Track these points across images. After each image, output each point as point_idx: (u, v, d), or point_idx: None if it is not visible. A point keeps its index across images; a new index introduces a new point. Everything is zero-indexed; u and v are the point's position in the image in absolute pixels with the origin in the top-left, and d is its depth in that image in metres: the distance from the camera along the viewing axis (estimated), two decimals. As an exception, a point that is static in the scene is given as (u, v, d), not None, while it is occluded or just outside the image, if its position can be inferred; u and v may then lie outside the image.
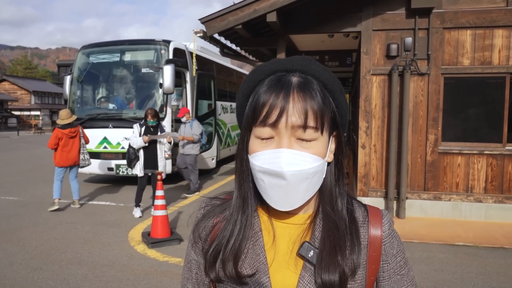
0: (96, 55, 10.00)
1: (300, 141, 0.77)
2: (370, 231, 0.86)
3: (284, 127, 0.76)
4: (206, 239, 0.89)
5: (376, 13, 6.28)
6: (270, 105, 0.76)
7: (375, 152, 6.51)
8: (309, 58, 0.84)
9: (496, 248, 5.12)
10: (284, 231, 0.85)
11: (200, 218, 0.93)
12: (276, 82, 0.79)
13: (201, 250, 0.90)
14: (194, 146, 8.38)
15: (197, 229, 0.92)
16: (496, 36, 6.00)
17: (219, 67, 12.82)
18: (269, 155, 0.77)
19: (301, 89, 0.78)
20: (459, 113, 6.32)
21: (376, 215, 0.88)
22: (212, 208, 0.93)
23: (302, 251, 0.81)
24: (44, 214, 6.91)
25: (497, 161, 6.14)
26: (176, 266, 4.61)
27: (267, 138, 0.78)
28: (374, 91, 6.43)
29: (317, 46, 9.08)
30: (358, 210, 0.89)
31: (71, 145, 7.22)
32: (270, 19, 6.04)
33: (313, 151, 0.78)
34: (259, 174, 0.79)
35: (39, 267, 4.56)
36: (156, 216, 5.40)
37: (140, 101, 9.55)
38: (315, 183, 0.80)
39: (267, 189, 0.79)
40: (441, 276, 4.31)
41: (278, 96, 0.77)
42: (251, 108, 0.80)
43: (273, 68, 0.83)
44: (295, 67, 0.81)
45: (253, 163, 0.80)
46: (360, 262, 0.82)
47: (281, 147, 0.76)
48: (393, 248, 0.87)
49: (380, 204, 6.42)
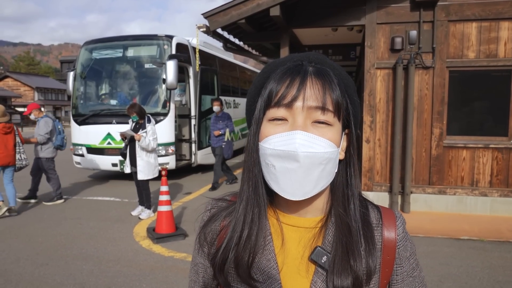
0: (99, 51, 9.99)
1: (316, 125, 0.75)
2: (384, 234, 0.84)
3: (300, 108, 0.74)
4: (212, 243, 0.87)
5: (380, 6, 6.23)
6: (287, 86, 0.75)
7: (380, 147, 6.48)
8: (318, 53, 0.84)
9: (502, 242, 5.10)
10: (294, 234, 0.83)
11: (206, 221, 0.90)
12: (292, 67, 0.78)
13: (207, 254, 0.88)
14: (43, 148, 7.32)
15: (203, 232, 0.89)
16: (502, 28, 5.94)
17: (222, 62, 12.78)
18: (283, 137, 0.75)
19: (319, 75, 0.77)
20: (464, 106, 6.28)
21: (390, 217, 0.86)
22: (218, 210, 0.90)
23: (315, 256, 0.79)
24: (49, 210, 6.94)
25: (503, 154, 6.11)
26: (181, 261, 4.62)
27: (280, 119, 0.76)
28: (379, 85, 6.39)
29: (320, 40, 9.03)
30: (372, 213, 0.87)
31: (5, 142, 6.53)
32: (274, 13, 6.00)
33: (329, 137, 0.76)
34: (270, 158, 0.76)
35: (45, 263, 4.58)
36: (161, 212, 5.41)
37: (144, 96, 9.54)
38: (328, 172, 0.77)
39: (278, 176, 0.75)
40: (446, 270, 4.31)
41: (294, 79, 0.76)
42: (265, 94, 0.79)
43: (289, 58, 0.82)
44: (311, 59, 0.81)
45: (265, 147, 0.77)
46: (376, 266, 0.81)
47: (295, 129, 0.74)
48: (407, 250, 0.86)
49: (385, 199, 6.41)
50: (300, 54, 0.83)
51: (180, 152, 10.20)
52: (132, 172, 6.48)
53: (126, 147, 6.42)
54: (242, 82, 15.04)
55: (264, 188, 0.82)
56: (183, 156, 10.29)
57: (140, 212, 6.50)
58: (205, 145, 10.54)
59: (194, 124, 10.01)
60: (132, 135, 6.17)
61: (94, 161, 9.51)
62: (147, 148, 6.22)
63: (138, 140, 6.14)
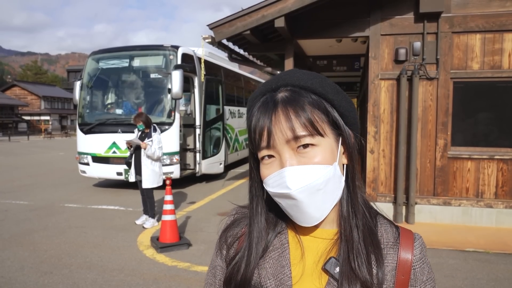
0: (106, 61, 10.11)
1: (301, 151, 0.76)
2: (400, 253, 0.83)
3: (280, 144, 0.75)
4: (232, 246, 0.90)
5: (384, 18, 6.27)
6: (260, 128, 0.77)
7: (384, 157, 6.48)
8: (293, 70, 0.83)
9: (507, 254, 5.05)
10: (312, 244, 0.84)
11: (228, 225, 0.93)
12: (261, 104, 0.79)
13: (225, 256, 0.90)
14: None
15: (224, 235, 0.92)
16: (506, 40, 5.96)
17: (227, 72, 12.88)
18: (275, 177, 0.77)
19: (284, 103, 0.77)
20: (468, 117, 6.27)
21: (408, 237, 0.85)
22: (241, 216, 0.93)
23: (328, 266, 0.80)
24: (54, 219, 6.97)
25: (508, 166, 6.08)
26: (185, 271, 4.62)
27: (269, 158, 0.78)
28: (383, 95, 6.41)
29: (325, 51, 9.08)
30: (390, 230, 0.86)
31: None
32: (278, 24, 6.06)
33: (317, 159, 0.75)
34: (275, 198, 0.79)
35: (49, 271, 4.59)
36: (165, 221, 5.43)
37: (149, 106, 9.61)
38: (331, 192, 0.78)
39: (288, 210, 0.79)
40: (452, 282, 4.27)
41: (264, 118, 0.77)
42: (248, 135, 0.82)
43: (260, 91, 0.83)
44: (278, 84, 0.81)
45: (267, 189, 0.80)
46: (385, 277, 0.80)
47: (283, 166, 0.75)
48: (423, 274, 0.85)
49: (389, 209, 6.38)
50: (270, 80, 0.84)
51: (184, 161, 10.25)
52: (137, 181, 6.52)
53: (131, 155, 6.47)
54: (247, 92, 15.12)
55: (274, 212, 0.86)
56: (187, 165, 10.33)
57: (144, 221, 6.51)
58: (209, 155, 10.58)
59: (199, 134, 10.05)
60: (138, 143, 6.23)
61: (99, 169, 9.56)
62: (153, 157, 6.26)
63: (144, 148, 6.20)
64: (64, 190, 9.66)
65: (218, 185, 10.35)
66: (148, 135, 6.36)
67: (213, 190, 9.69)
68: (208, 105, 10.57)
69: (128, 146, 6.50)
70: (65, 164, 15.49)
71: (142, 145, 6.22)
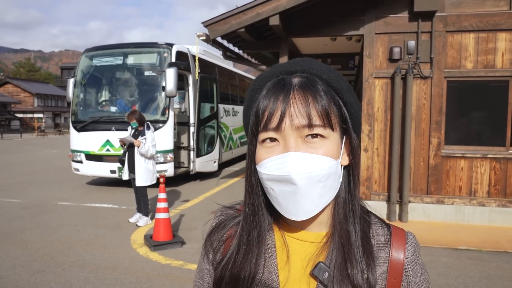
0: (99, 58, 10.05)
1: (308, 140, 0.73)
2: (391, 254, 0.80)
3: (289, 128, 0.72)
4: (218, 250, 0.87)
5: (379, 17, 6.28)
6: (270, 108, 0.73)
7: (378, 156, 6.50)
8: (310, 59, 0.80)
9: (500, 252, 5.09)
10: (299, 248, 0.80)
11: (214, 228, 0.90)
12: (275, 84, 0.76)
13: (212, 260, 0.88)
14: None
15: (209, 239, 0.90)
16: (500, 39, 6.00)
17: (221, 70, 12.84)
18: (276, 161, 0.72)
19: (302, 87, 0.74)
20: (462, 116, 6.31)
21: (400, 238, 0.82)
22: (226, 218, 0.90)
23: (316, 271, 0.77)
24: (47, 217, 6.92)
25: (501, 164, 6.12)
26: (179, 269, 4.60)
27: (271, 142, 0.74)
28: (377, 94, 6.42)
29: (319, 49, 9.09)
30: (380, 230, 0.83)
31: None
32: (273, 22, 6.05)
33: (324, 151, 0.72)
34: (267, 182, 0.74)
35: (41, 270, 4.56)
36: (159, 219, 5.40)
37: (143, 104, 9.57)
38: (329, 188, 0.75)
39: (278, 198, 0.74)
40: (444, 280, 4.29)
41: (277, 99, 0.73)
42: (253, 115, 0.77)
43: (273, 72, 0.80)
44: (295, 68, 0.78)
45: (261, 172, 0.75)
46: (376, 281, 0.77)
47: (286, 151, 0.72)
48: (416, 276, 0.81)
49: (383, 208, 6.40)
50: (284, 63, 0.80)
51: (178, 159, 10.20)
52: (131, 179, 6.49)
53: (125, 153, 6.44)
54: (241, 90, 15.09)
55: (266, 209, 0.81)
56: (181, 163, 10.30)
57: (137, 219, 6.48)
58: (203, 153, 10.56)
59: (193, 132, 10.02)
60: (132, 141, 6.20)
61: (92, 167, 9.50)
62: (146, 155, 6.24)
63: (138, 146, 6.17)
64: (57, 188, 9.59)
65: (212, 183, 10.33)
66: (142, 133, 6.33)
67: (207, 188, 9.67)
68: (203, 103, 10.54)
69: (121, 144, 6.47)
70: (58, 162, 15.40)
71: (136, 143, 6.19)
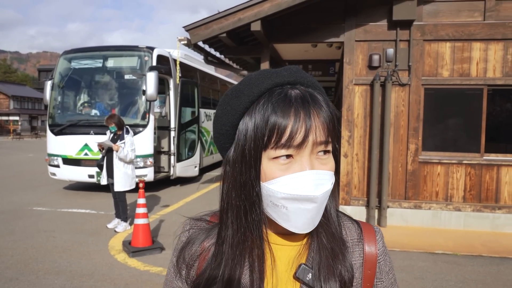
0: (78, 61, 9.88)
1: (319, 156, 0.73)
2: (365, 249, 0.83)
3: (310, 146, 0.71)
4: (192, 266, 0.84)
5: (359, 24, 6.38)
6: (283, 125, 0.70)
7: (357, 161, 6.58)
8: (299, 68, 0.79)
9: (475, 256, 5.21)
10: (281, 252, 0.81)
11: (184, 243, 0.86)
12: (285, 98, 0.72)
13: (185, 277, 0.85)
14: None
15: (181, 255, 0.85)
16: (474, 49, 6.17)
17: (203, 75, 12.81)
18: (294, 179, 0.71)
19: (315, 104, 0.73)
20: (438, 123, 6.45)
21: (369, 232, 0.86)
22: (197, 231, 0.86)
23: (299, 274, 0.77)
24: (22, 222, 6.73)
25: (475, 170, 6.28)
26: (158, 275, 4.54)
27: (287, 159, 0.72)
28: (357, 100, 6.51)
29: (300, 55, 9.17)
30: (352, 226, 0.87)
31: None
32: (255, 28, 6.07)
33: (331, 166, 0.75)
34: (282, 201, 0.72)
35: (14, 277, 4.43)
36: (138, 225, 5.32)
37: (123, 107, 9.44)
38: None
39: (290, 216, 0.73)
40: (421, 284, 4.36)
41: (298, 112, 0.70)
42: (264, 130, 0.71)
43: (269, 80, 0.75)
44: (297, 79, 0.76)
45: (275, 190, 0.72)
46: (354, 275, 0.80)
47: (303, 169, 0.71)
48: (387, 265, 0.86)
49: (362, 213, 6.48)
50: (281, 72, 0.76)
51: (158, 164, 10.11)
52: (109, 184, 6.38)
53: (103, 158, 6.34)
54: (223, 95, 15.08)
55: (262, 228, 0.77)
56: (161, 168, 10.20)
57: (116, 225, 6.38)
58: (184, 158, 10.48)
59: (174, 136, 9.94)
60: (110, 145, 6.11)
61: (70, 172, 9.31)
62: (125, 159, 6.15)
63: (116, 150, 6.08)
64: (33, 193, 9.35)
65: (193, 188, 10.26)
66: (121, 137, 6.24)
67: (188, 193, 9.60)
68: (184, 107, 10.48)
69: (99, 148, 6.37)
70: (35, 166, 15.02)
71: (114, 147, 6.10)
